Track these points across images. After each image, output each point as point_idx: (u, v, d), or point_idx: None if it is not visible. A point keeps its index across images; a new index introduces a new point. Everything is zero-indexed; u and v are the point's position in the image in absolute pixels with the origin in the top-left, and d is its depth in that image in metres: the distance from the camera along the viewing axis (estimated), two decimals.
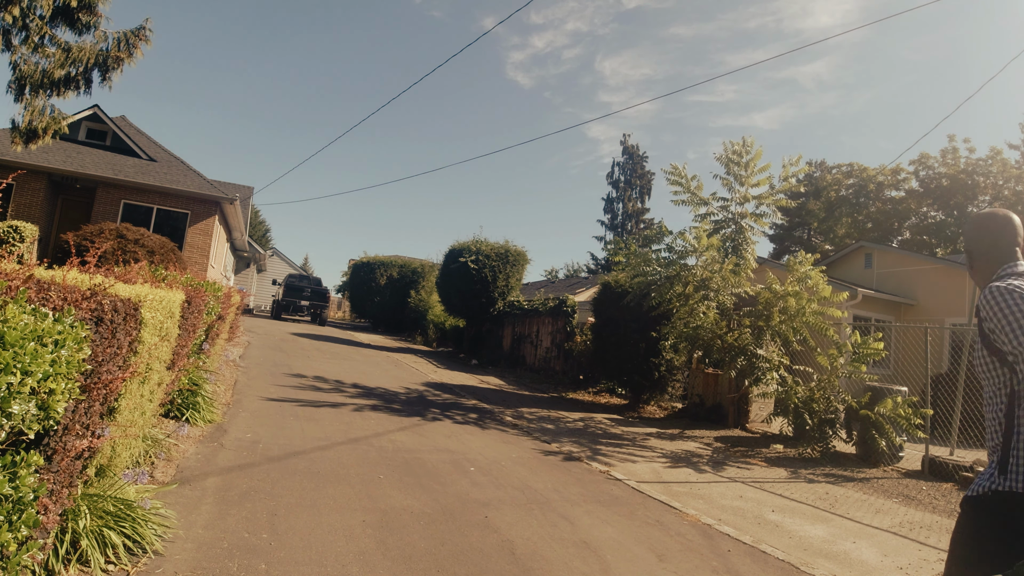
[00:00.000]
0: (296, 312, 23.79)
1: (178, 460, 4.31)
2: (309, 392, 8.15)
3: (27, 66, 9.65)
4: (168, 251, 12.33)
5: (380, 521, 3.70)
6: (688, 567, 3.69)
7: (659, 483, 5.72)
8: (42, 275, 2.14)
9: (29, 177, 14.93)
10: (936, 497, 6.17)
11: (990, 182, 32.04)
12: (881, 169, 35.92)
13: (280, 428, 5.80)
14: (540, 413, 9.28)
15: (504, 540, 3.68)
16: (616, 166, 44.24)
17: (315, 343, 15.43)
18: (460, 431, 7.02)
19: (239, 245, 26.82)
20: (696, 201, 10.29)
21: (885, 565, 4.08)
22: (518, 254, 17.94)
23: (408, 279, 24.97)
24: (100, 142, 17.55)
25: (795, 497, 5.71)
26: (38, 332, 1.65)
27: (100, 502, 2.74)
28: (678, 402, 11.66)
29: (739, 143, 10.07)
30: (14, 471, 1.65)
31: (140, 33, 10.26)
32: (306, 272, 41.65)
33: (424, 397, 9.39)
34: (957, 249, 31.80)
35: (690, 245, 9.97)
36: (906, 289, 15.42)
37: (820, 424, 7.99)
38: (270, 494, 3.90)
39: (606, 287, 12.09)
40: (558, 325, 15.01)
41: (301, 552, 3.09)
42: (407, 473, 4.87)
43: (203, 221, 17.03)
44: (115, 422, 2.86)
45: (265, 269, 37.10)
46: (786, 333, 8.69)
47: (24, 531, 1.66)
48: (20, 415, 1.57)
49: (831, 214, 38.16)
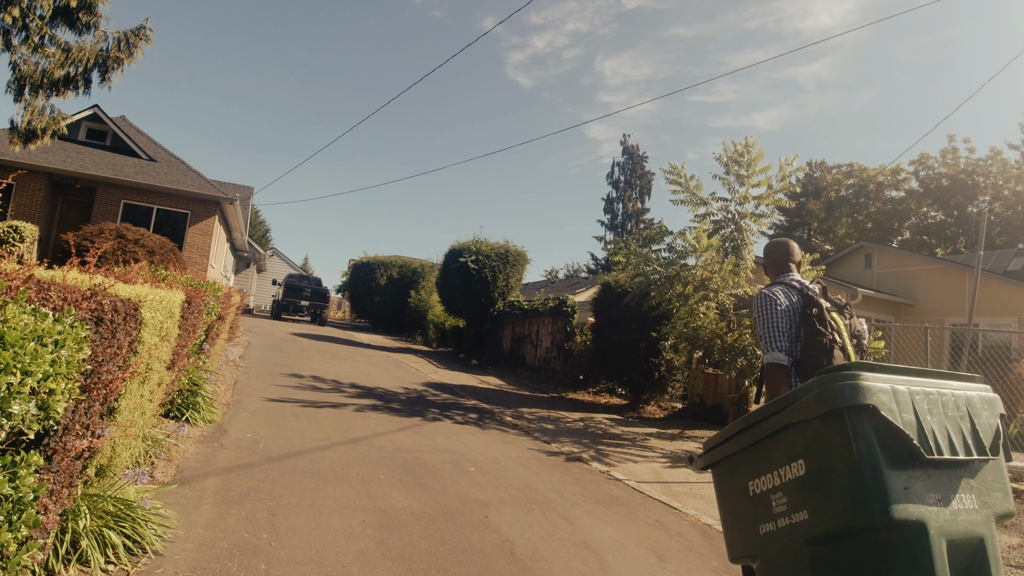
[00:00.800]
0: (296, 312, 23.78)
1: (178, 460, 4.31)
2: (309, 392, 8.15)
3: (27, 66, 9.66)
4: (168, 251, 12.33)
5: (380, 521, 3.70)
6: (688, 567, 3.69)
7: (659, 483, 5.72)
8: (42, 275, 2.14)
9: (29, 177, 14.93)
10: None
11: (990, 182, 32.05)
12: (881, 169, 35.94)
13: (280, 428, 5.80)
14: (540, 413, 9.29)
15: (504, 540, 3.69)
16: (616, 166, 44.23)
17: (315, 343, 15.43)
18: (460, 431, 7.02)
19: (239, 245, 26.82)
20: (695, 201, 10.29)
21: None
22: (518, 254, 17.94)
23: (408, 279, 24.96)
24: (100, 142, 17.55)
25: None
26: (38, 332, 1.65)
27: (100, 502, 2.74)
28: (678, 402, 11.66)
29: (741, 143, 10.06)
30: (14, 471, 1.65)
31: (140, 33, 10.26)
32: (306, 272, 41.64)
33: (424, 397, 9.39)
34: (957, 249, 31.81)
35: (690, 245, 9.97)
36: (906, 289, 15.43)
37: None
38: (270, 494, 3.90)
39: (606, 287, 12.10)
40: (558, 325, 15.01)
41: (301, 552, 3.09)
42: (407, 473, 4.87)
43: (203, 221, 17.02)
44: (115, 422, 2.86)
45: (265, 269, 37.09)
46: None
47: (24, 531, 1.66)
48: (20, 415, 1.57)
49: (831, 214, 38.17)
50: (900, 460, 1.60)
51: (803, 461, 1.74)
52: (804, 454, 1.74)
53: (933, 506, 1.61)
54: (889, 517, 1.54)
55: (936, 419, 1.70)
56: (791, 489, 1.78)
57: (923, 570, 1.54)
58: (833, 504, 1.64)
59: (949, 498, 1.66)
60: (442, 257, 19.08)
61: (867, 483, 1.57)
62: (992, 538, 1.71)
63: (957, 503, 1.67)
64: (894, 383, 1.69)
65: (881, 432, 1.61)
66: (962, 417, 1.75)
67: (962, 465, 1.72)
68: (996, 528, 1.76)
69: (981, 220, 9.34)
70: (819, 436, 1.70)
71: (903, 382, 1.71)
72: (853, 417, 1.61)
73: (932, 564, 1.53)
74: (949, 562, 1.57)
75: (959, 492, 1.69)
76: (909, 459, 1.61)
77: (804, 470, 1.74)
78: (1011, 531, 5.11)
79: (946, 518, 1.62)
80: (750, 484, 1.95)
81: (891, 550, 1.57)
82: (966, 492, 1.70)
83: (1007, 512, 1.78)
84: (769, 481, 1.87)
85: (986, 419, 1.79)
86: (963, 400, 1.78)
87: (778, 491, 1.82)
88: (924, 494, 1.61)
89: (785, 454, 1.81)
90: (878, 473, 1.57)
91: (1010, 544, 4.74)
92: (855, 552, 1.62)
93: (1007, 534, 5.00)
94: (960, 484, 1.70)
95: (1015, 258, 17.93)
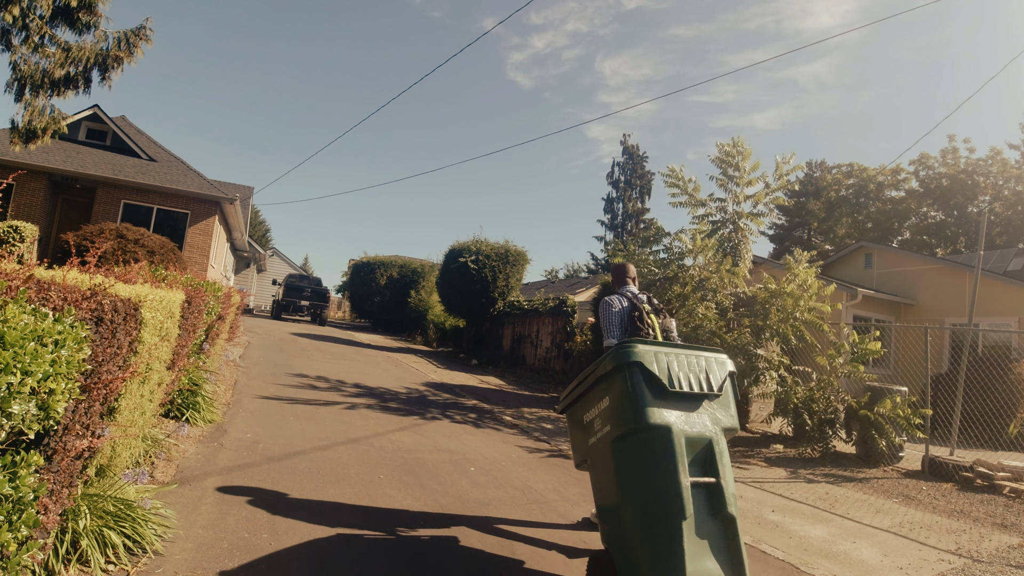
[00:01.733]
0: (296, 312, 23.77)
1: (178, 460, 4.31)
2: (309, 392, 8.15)
3: (27, 66, 9.65)
4: (168, 251, 12.32)
5: (380, 521, 3.70)
6: None
7: None
8: (42, 275, 2.14)
9: (29, 177, 14.93)
10: (936, 497, 6.17)
11: (990, 182, 32.05)
12: (881, 169, 35.94)
13: (280, 428, 5.80)
14: (540, 413, 9.29)
15: (504, 540, 3.69)
16: (616, 166, 44.26)
17: (315, 343, 15.42)
18: (460, 431, 7.02)
19: (239, 245, 26.82)
20: (693, 203, 10.30)
21: (885, 565, 4.08)
22: (518, 254, 17.94)
23: (408, 279, 24.94)
24: (100, 142, 17.54)
25: (795, 497, 5.71)
26: (38, 332, 1.65)
27: (100, 502, 2.74)
28: None
29: (730, 144, 10.08)
30: (14, 471, 1.65)
31: (140, 32, 10.26)
32: (306, 272, 41.62)
33: (424, 397, 9.39)
34: (958, 249, 31.80)
35: (687, 246, 9.98)
36: (906, 289, 15.42)
37: (820, 424, 7.99)
38: (270, 494, 3.90)
39: (606, 287, 12.10)
40: (558, 325, 15.01)
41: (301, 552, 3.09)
42: (407, 473, 4.87)
43: (203, 221, 17.02)
44: (115, 422, 2.86)
45: (265, 269, 37.08)
46: (785, 332, 8.69)
47: (24, 531, 1.66)
48: (20, 415, 1.57)
49: (831, 214, 38.18)
50: (656, 392, 2.72)
51: (608, 397, 2.88)
52: (608, 393, 2.88)
53: (677, 418, 2.69)
54: (648, 422, 2.64)
55: (681, 370, 2.80)
56: (602, 415, 2.92)
57: (668, 451, 2.61)
58: (622, 418, 2.75)
59: (689, 414, 2.75)
60: (442, 257, 19.08)
61: (637, 405, 2.68)
62: (719, 441, 2.75)
63: (695, 417, 2.76)
64: (655, 351, 2.81)
65: (646, 376, 2.73)
66: (701, 370, 2.86)
67: (697, 397, 2.81)
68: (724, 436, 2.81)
69: (981, 220, 9.34)
70: (613, 381, 2.84)
71: (662, 351, 2.82)
72: (629, 369, 2.75)
73: (673, 448, 2.61)
74: (688, 451, 2.65)
75: (696, 412, 2.78)
76: (661, 391, 2.73)
77: (608, 403, 2.87)
78: (1011, 531, 5.11)
79: (685, 425, 2.70)
80: (584, 416, 3.11)
81: (652, 440, 2.66)
82: (701, 413, 2.79)
83: (731, 427, 2.84)
84: (593, 413, 3.01)
85: (717, 372, 2.91)
86: (704, 361, 2.91)
87: (597, 418, 2.97)
88: (671, 411, 2.71)
89: (598, 395, 2.97)
90: (643, 399, 2.68)
91: (1010, 544, 4.74)
92: (634, 443, 2.73)
93: (1007, 534, 5.01)
94: (698, 407, 2.80)
95: (1015, 258, 17.93)
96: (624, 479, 2.71)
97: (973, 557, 4.38)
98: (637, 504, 2.62)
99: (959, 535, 4.92)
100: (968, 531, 5.06)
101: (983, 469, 6.78)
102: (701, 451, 2.69)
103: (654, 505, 2.56)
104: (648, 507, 2.58)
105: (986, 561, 4.31)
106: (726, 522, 2.59)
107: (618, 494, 2.73)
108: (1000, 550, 4.58)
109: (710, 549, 2.51)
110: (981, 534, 4.99)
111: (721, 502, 2.60)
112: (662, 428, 2.62)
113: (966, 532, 5.02)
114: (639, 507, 2.61)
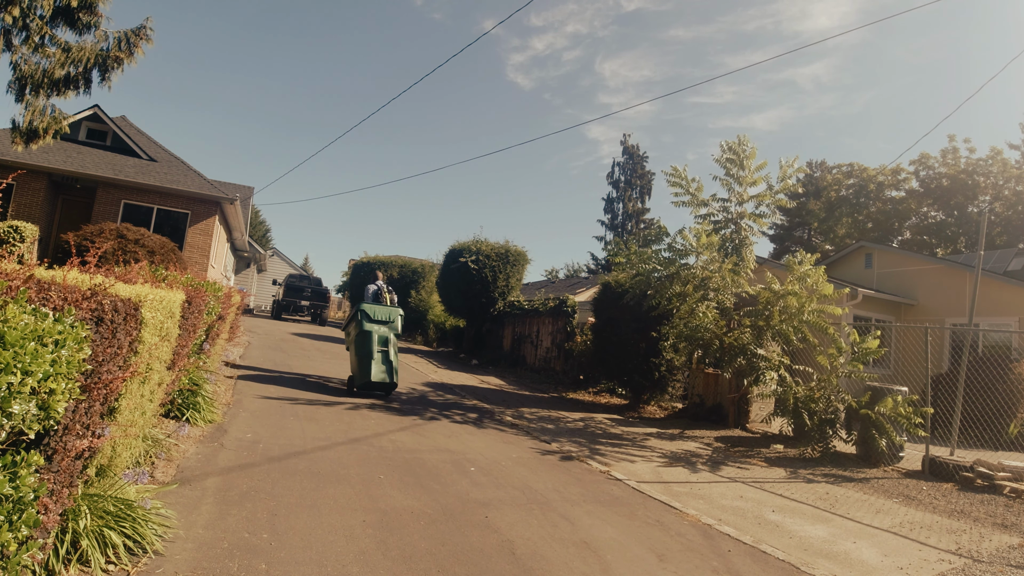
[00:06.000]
0: (296, 312, 23.77)
1: (178, 460, 4.31)
2: (309, 392, 8.16)
3: (28, 66, 9.65)
4: (168, 251, 12.32)
5: (380, 521, 3.70)
6: (688, 567, 3.69)
7: (659, 483, 5.72)
8: (42, 275, 2.14)
9: (29, 177, 14.92)
10: (936, 497, 6.17)
11: (990, 182, 32.03)
12: (881, 169, 35.92)
13: (280, 428, 5.80)
14: (540, 413, 9.29)
15: (504, 540, 3.69)
16: (616, 166, 44.20)
17: (315, 343, 15.43)
18: (460, 431, 7.02)
19: (239, 245, 26.81)
20: (696, 202, 10.29)
21: (885, 565, 4.08)
22: (518, 254, 17.93)
23: (408, 279, 24.93)
24: (100, 142, 17.54)
25: (795, 497, 5.71)
26: (38, 332, 1.65)
27: (100, 502, 2.74)
28: (678, 402, 11.65)
29: (735, 142, 10.07)
30: (14, 471, 1.65)
31: (141, 33, 10.25)
32: (306, 272, 41.60)
33: (424, 397, 9.39)
34: (958, 249, 31.79)
35: (689, 244, 9.98)
36: (906, 289, 15.41)
37: (820, 424, 7.98)
38: (270, 494, 3.90)
39: (606, 287, 12.09)
40: (558, 325, 15.01)
41: (301, 552, 3.09)
42: (407, 473, 4.87)
43: (203, 221, 17.01)
44: (115, 422, 2.86)
45: (265, 269, 37.07)
46: (787, 332, 8.68)
47: (24, 531, 1.66)
48: (20, 415, 1.57)
49: (831, 214, 38.16)
50: (367, 320, 8.49)
51: (353, 324, 8.76)
52: (353, 321, 8.79)
53: (375, 329, 8.45)
54: (364, 328, 8.41)
55: (379, 314, 8.57)
56: (350, 328, 8.95)
57: (370, 340, 8.35)
58: (357, 327, 8.54)
59: (380, 327, 8.53)
60: (442, 257, 19.08)
61: (360, 324, 8.45)
62: (391, 338, 8.55)
63: (383, 329, 8.54)
64: (371, 306, 8.63)
65: (366, 313, 8.52)
66: (388, 313, 8.64)
67: (383, 322, 8.57)
68: (393, 336, 8.57)
69: (981, 220, 9.33)
70: (354, 316, 8.74)
71: (374, 306, 8.65)
72: (360, 310, 8.58)
73: (372, 339, 8.36)
74: (378, 341, 8.40)
75: (383, 327, 8.56)
76: (370, 319, 8.51)
77: (355, 325, 8.65)
78: (1011, 531, 5.11)
79: (378, 330, 8.47)
80: (348, 330, 9.05)
81: (366, 336, 8.39)
82: (384, 327, 8.56)
83: (397, 334, 8.67)
84: (352, 329, 8.77)
85: (395, 316, 8.70)
86: (389, 312, 8.66)
87: (349, 332, 9.03)
88: (373, 326, 8.48)
89: (354, 321, 8.75)
90: (363, 322, 8.46)
91: (1010, 544, 4.74)
92: (361, 336, 8.43)
93: (1007, 534, 5.01)
94: (384, 327, 8.57)
95: (1015, 258, 17.92)
96: (358, 348, 8.44)
97: (973, 557, 4.38)
98: (359, 355, 8.41)
99: (959, 535, 4.92)
100: (968, 531, 5.06)
101: (983, 469, 6.78)
102: (383, 339, 8.43)
103: (364, 353, 8.34)
104: (361, 354, 8.38)
105: (986, 561, 4.31)
106: (388, 361, 8.38)
107: (355, 352, 8.56)
108: (1000, 550, 4.58)
109: (384, 368, 8.34)
110: (981, 534, 4.99)
111: (388, 356, 8.40)
112: (368, 330, 8.38)
113: (966, 532, 5.02)
114: (359, 355, 8.41)
